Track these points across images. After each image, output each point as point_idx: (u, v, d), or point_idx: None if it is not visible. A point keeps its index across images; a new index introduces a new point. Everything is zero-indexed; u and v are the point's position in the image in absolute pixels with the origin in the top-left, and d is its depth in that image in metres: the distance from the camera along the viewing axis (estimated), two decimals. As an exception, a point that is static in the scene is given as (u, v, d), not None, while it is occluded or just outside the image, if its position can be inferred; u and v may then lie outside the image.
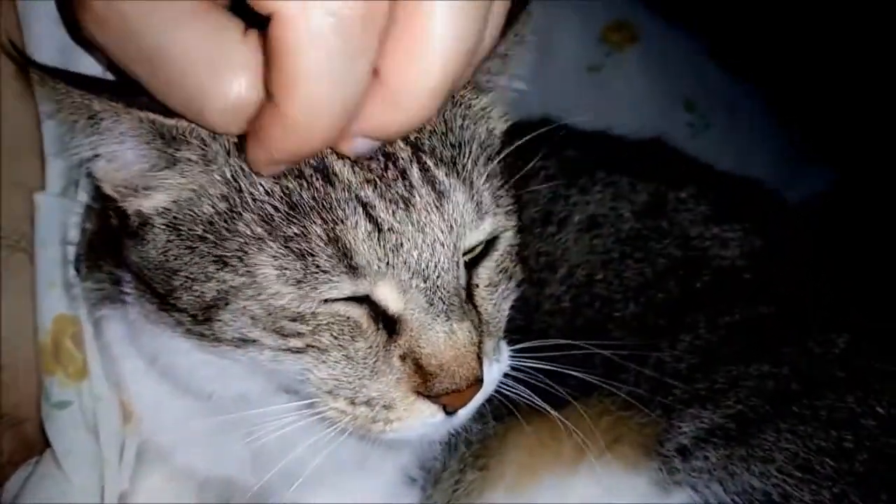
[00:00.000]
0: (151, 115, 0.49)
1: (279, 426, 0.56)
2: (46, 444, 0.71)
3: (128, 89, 0.47)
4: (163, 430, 0.72)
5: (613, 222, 0.82)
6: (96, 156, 0.53)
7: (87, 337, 0.71)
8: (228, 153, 0.51)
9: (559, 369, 0.60)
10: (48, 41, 0.65)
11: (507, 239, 0.60)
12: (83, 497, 0.71)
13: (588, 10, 1.07)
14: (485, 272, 0.58)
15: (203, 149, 0.51)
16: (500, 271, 0.59)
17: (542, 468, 0.70)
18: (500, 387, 0.58)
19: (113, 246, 0.64)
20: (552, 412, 0.62)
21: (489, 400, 0.58)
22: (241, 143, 0.50)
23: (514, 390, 0.59)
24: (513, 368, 0.59)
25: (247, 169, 0.50)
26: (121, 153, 0.52)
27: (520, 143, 0.58)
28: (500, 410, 0.66)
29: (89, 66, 0.59)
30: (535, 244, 0.80)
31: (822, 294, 0.81)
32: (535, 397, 0.60)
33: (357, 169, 0.50)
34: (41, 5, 0.64)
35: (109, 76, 0.56)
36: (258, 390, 0.61)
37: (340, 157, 0.50)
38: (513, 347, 0.60)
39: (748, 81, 1.22)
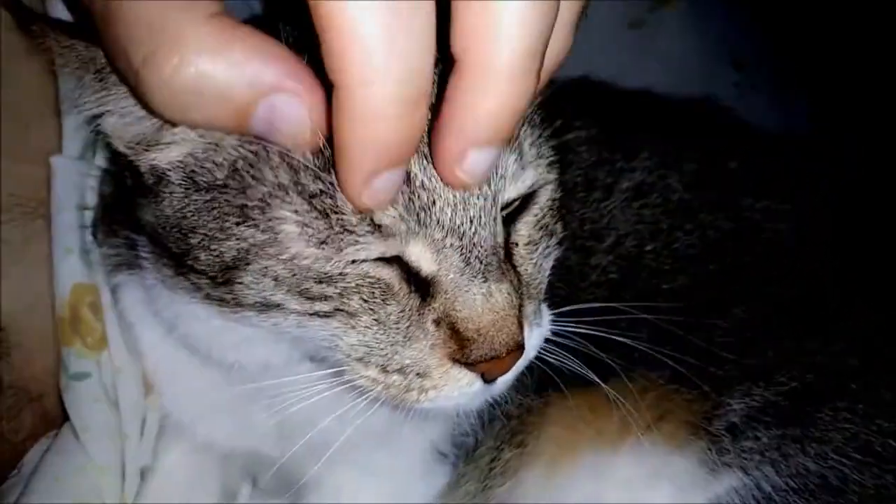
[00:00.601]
0: None
1: (306, 396, 0.53)
2: (66, 417, 0.69)
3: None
4: (183, 402, 0.69)
5: (661, 192, 0.78)
6: (106, 111, 0.49)
7: (106, 306, 0.69)
8: None
9: (603, 334, 0.56)
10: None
11: (548, 193, 0.55)
12: (102, 472, 0.68)
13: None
14: (524, 229, 0.54)
15: None
16: (541, 228, 0.55)
17: (583, 446, 0.66)
18: (540, 353, 0.54)
19: (128, 209, 0.61)
20: (599, 382, 0.58)
21: (530, 370, 0.55)
22: None
23: (555, 356, 0.55)
24: (554, 334, 0.55)
25: None
26: (130, 107, 0.48)
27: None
28: (542, 384, 0.62)
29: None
30: (578, 209, 0.76)
31: (878, 268, 0.76)
32: (582, 365, 0.56)
33: None
34: None
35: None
36: (282, 359, 0.58)
37: None
38: (554, 311, 0.56)
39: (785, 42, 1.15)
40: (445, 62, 0.39)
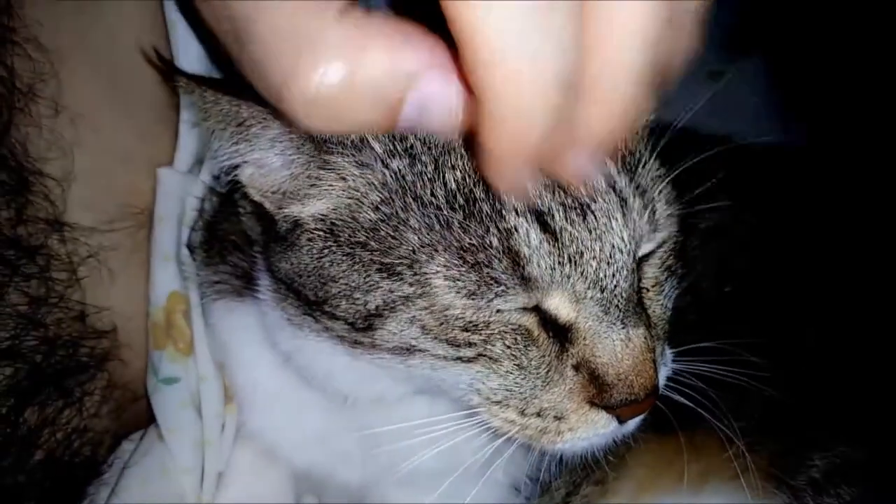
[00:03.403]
0: None
1: (443, 439, 0.55)
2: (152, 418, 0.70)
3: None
4: (272, 423, 0.70)
5: (736, 234, 0.78)
6: (244, 162, 0.52)
7: (195, 316, 0.71)
8: (387, 156, 0.49)
9: (715, 374, 0.57)
10: (193, 47, 0.65)
11: (672, 236, 0.57)
12: (185, 473, 0.70)
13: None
14: (651, 271, 0.56)
15: (355, 154, 0.50)
16: (665, 269, 0.56)
17: (662, 489, 0.66)
18: None
19: (243, 240, 0.63)
20: (711, 420, 0.59)
21: None
22: (394, 145, 0.49)
23: (671, 396, 0.57)
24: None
25: (412, 171, 0.48)
26: (269, 159, 0.51)
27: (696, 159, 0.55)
28: None
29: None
30: None
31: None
32: (705, 401, 0.57)
33: None
34: None
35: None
36: (397, 394, 0.60)
37: None
38: (674, 350, 0.57)
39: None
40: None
